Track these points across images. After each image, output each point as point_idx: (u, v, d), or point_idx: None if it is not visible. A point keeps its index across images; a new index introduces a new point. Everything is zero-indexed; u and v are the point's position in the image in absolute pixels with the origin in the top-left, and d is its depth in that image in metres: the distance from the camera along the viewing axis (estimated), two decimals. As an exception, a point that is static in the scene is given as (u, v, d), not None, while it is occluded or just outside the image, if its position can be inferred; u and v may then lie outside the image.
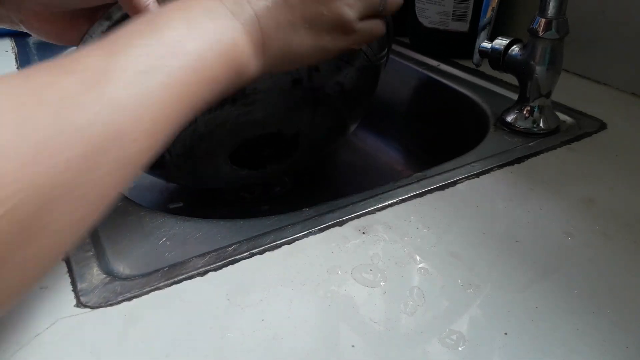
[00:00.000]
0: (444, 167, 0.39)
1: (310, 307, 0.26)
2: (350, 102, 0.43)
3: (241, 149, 0.40)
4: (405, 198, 0.35)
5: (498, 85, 0.55)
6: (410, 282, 0.28)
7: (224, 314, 0.26)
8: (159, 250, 0.30)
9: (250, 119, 0.38)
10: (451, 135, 0.58)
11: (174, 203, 0.53)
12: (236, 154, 0.40)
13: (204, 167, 0.41)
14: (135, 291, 0.27)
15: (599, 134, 0.44)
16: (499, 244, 0.31)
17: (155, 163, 0.41)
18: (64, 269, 0.28)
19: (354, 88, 0.42)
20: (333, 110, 0.42)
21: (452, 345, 0.24)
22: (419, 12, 0.63)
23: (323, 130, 0.43)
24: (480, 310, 0.26)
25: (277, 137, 0.40)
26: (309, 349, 0.24)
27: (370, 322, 0.25)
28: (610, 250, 0.30)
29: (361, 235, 0.31)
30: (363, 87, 0.44)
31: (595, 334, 0.25)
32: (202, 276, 0.28)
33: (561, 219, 0.33)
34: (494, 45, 0.45)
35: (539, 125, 0.44)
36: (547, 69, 0.42)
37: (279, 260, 0.29)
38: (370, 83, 0.45)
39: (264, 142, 0.40)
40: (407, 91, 0.63)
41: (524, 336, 0.25)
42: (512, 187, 0.37)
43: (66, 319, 0.25)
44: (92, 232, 0.31)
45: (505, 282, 0.28)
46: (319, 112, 0.41)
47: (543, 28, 0.41)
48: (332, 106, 0.41)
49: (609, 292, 0.27)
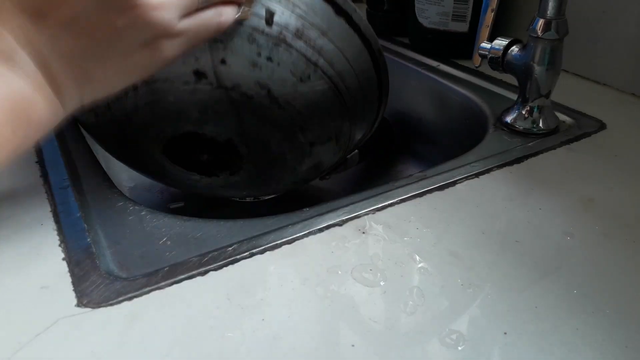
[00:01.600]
0: (443, 167, 0.39)
1: (310, 307, 0.26)
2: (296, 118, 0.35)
3: (174, 146, 0.36)
4: (405, 198, 0.35)
5: (498, 85, 0.55)
6: (410, 281, 0.28)
7: (224, 314, 0.26)
8: (159, 250, 0.30)
9: (162, 111, 0.34)
10: (451, 135, 0.58)
11: (174, 203, 0.54)
12: (171, 151, 0.37)
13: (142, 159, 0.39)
14: (136, 291, 0.27)
15: (598, 134, 0.44)
16: (499, 244, 0.31)
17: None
18: (64, 269, 0.28)
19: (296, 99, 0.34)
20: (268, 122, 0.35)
21: (452, 345, 0.24)
22: (419, 12, 0.63)
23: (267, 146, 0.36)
24: (480, 310, 0.26)
25: (207, 140, 0.36)
26: (309, 348, 0.24)
27: (370, 321, 0.25)
28: (610, 250, 0.31)
29: (361, 235, 0.31)
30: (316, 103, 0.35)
31: (595, 334, 0.25)
32: (202, 276, 0.28)
33: (561, 219, 0.33)
34: (493, 45, 0.45)
35: (539, 126, 0.44)
36: (546, 69, 0.42)
37: (279, 260, 0.29)
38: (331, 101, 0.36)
39: (194, 143, 0.36)
40: (406, 91, 0.63)
41: (524, 336, 0.25)
42: (511, 187, 0.37)
43: (66, 319, 0.25)
44: (92, 232, 0.31)
45: (505, 282, 0.28)
46: (246, 118, 0.34)
47: (542, 28, 0.41)
48: (265, 115, 0.34)
49: (609, 292, 0.27)
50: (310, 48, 0.34)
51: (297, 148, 0.37)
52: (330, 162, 0.42)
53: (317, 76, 0.35)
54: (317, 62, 0.34)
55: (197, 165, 0.39)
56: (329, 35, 0.35)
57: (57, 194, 0.35)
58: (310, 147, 0.38)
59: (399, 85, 0.64)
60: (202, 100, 0.33)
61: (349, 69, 0.37)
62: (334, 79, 0.36)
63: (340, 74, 0.36)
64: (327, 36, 0.35)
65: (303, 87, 0.34)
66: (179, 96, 0.33)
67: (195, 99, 0.33)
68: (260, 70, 0.33)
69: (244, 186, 0.41)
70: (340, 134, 0.39)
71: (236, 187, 0.41)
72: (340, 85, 0.36)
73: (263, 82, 0.33)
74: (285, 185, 0.44)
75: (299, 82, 0.34)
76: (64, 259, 0.29)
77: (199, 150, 0.37)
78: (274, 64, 0.33)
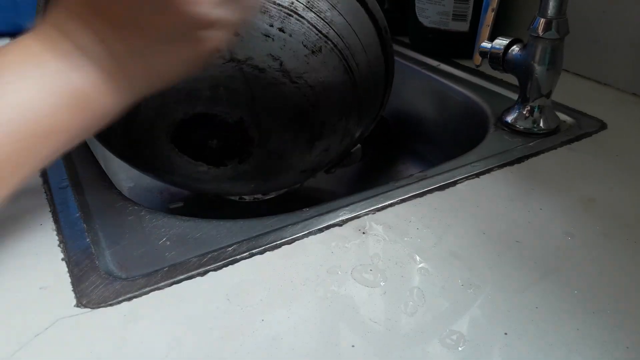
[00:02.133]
0: (444, 167, 0.39)
1: (310, 307, 0.26)
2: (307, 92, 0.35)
3: (182, 132, 0.36)
4: (405, 198, 0.35)
5: (498, 85, 0.55)
6: (410, 282, 0.28)
7: (224, 315, 0.26)
8: (159, 250, 0.30)
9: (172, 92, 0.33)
10: (451, 135, 0.58)
11: (174, 203, 0.53)
12: (179, 138, 0.37)
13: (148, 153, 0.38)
14: (135, 291, 0.27)
15: (599, 134, 0.44)
16: (499, 244, 0.31)
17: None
18: (64, 269, 0.28)
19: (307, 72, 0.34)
20: (280, 97, 0.35)
21: (452, 346, 0.24)
22: (419, 12, 0.63)
23: (277, 126, 0.36)
24: (480, 310, 0.26)
25: (218, 121, 0.35)
26: (309, 349, 0.24)
27: (370, 322, 0.25)
28: (610, 250, 0.30)
29: (361, 235, 0.31)
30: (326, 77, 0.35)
31: (595, 334, 0.25)
32: (202, 276, 0.28)
33: (561, 219, 0.33)
34: (494, 45, 0.45)
35: (539, 125, 0.44)
36: (547, 69, 0.42)
37: (279, 260, 0.29)
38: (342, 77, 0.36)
39: (204, 127, 0.36)
40: (407, 91, 0.63)
41: (524, 336, 0.25)
42: (512, 187, 0.37)
43: (66, 319, 0.25)
44: (91, 232, 0.31)
45: (505, 282, 0.28)
46: (258, 94, 0.34)
47: (543, 28, 0.41)
48: (276, 90, 0.34)
49: (609, 292, 0.27)
50: (321, 19, 0.34)
51: (308, 127, 0.37)
52: (337, 148, 0.41)
53: (328, 49, 0.35)
54: (327, 34, 0.35)
55: (205, 153, 0.38)
56: (338, 8, 0.35)
57: (57, 194, 0.35)
58: (321, 128, 0.38)
59: (400, 85, 0.63)
60: (214, 76, 0.33)
61: (358, 43, 0.37)
62: (344, 53, 0.36)
63: (350, 48, 0.36)
64: (336, 8, 0.35)
65: (314, 60, 0.34)
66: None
67: (206, 75, 0.33)
68: (273, 42, 0.33)
69: (252, 177, 0.41)
70: (349, 114, 0.39)
71: (244, 179, 0.41)
72: (350, 60, 0.36)
73: (275, 54, 0.33)
74: (293, 175, 0.43)
75: (311, 54, 0.34)
76: (63, 259, 0.29)
77: (208, 135, 0.37)
78: (286, 34, 0.33)
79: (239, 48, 0.32)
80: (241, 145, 0.37)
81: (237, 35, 0.32)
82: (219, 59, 0.32)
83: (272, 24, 0.33)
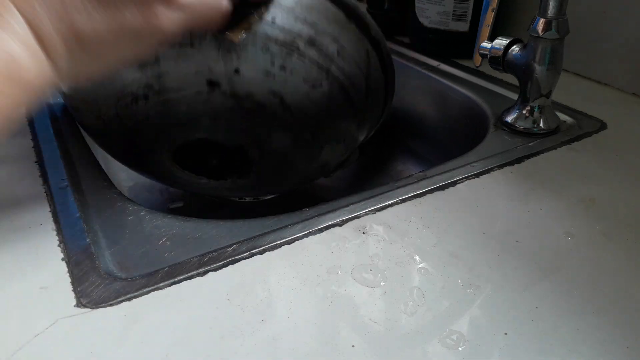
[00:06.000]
0: (444, 167, 0.39)
1: (310, 307, 0.26)
2: (307, 123, 0.36)
3: (184, 153, 0.37)
4: (405, 198, 0.35)
5: (498, 85, 0.55)
6: (410, 282, 0.28)
7: (224, 315, 0.26)
8: (159, 250, 0.30)
9: (173, 120, 0.34)
10: (451, 135, 0.58)
11: (174, 203, 0.54)
12: (181, 158, 0.37)
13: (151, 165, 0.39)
14: (135, 291, 0.27)
15: (599, 134, 0.44)
16: (499, 244, 0.31)
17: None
18: (64, 269, 0.28)
19: (308, 106, 0.35)
20: (280, 128, 0.35)
21: (452, 346, 0.24)
22: (419, 12, 0.63)
23: (277, 150, 0.37)
24: (480, 310, 0.26)
25: (218, 146, 0.36)
26: (309, 349, 0.24)
27: (370, 322, 0.25)
28: (610, 250, 0.30)
29: (361, 235, 0.31)
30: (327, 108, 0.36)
31: (595, 334, 0.25)
32: (202, 276, 0.28)
33: (561, 219, 0.33)
34: (494, 45, 0.45)
35: (539, 125, 0.44)
36: (547, 69, 0.42)
37: (278, 260, 0.29)
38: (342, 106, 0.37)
39: (205, 149, 0.36)
40: (407, 91, 0.63)
41: (524, 336, 0.25)
42: (512, 187, 0.37)
43: (66, 319, 0.25)
44: (91, 232, 0.31)
45: (505, 282, 0.28)
46: (258, 126, 0.35)
47: (543, 28, 0.41)
48: (277, 122, 0.35)
49: (609, 292, 0.27)
50: (322, 55, 0.34)
51: (307, 151, 0.38)
52: (336, 161, 0.42)
53: (329, 82, 0.35)
54: (329, 69, 0.34)
55: (206, 169, 0.39)
56: (340, 41, 0.35)
57: (57, 194, 0.35)
58: (320, 150, 0.38)
59: (400, 85, 0.63)
60: (214, 109, 0.33)
61: (359, 72, 0.37)
62: (345, 83, 0.36)
63: (350, 78, 0.36)
64: (338, 42, 0.35)
65: (315, 94, 0.34)
66: (191, 105, 0.33)
67: (207, 108, 0.33)
68: (274, 79, 0.33)
69: (250, 188, 0.41)
70: (348, 135, 0.39)
71: (243, 189, 0.42)
72: (350, 88, 0.36)
73: (276, 90, 0.33)
74: (291, 185, 0.44)
75: (312, 89, 0.34)
76: (64, 259, 0.29)
77: (209, 156, 0.38)
78: (287, 72, 0.33)
79: (240, 85, 0.33)
80: (241, 164, 0.38)
81: (238, 72, 0.32)
82: (220, 95, 0.33)
83: (274, 62, 0.33)
